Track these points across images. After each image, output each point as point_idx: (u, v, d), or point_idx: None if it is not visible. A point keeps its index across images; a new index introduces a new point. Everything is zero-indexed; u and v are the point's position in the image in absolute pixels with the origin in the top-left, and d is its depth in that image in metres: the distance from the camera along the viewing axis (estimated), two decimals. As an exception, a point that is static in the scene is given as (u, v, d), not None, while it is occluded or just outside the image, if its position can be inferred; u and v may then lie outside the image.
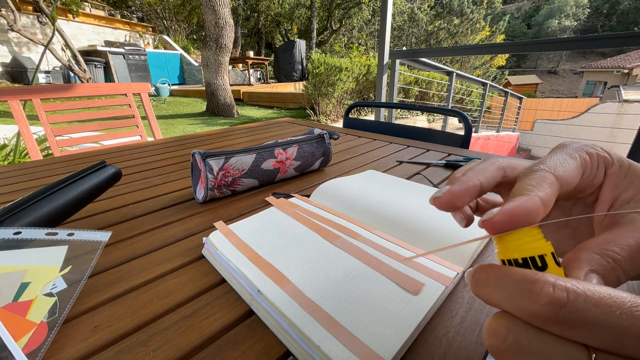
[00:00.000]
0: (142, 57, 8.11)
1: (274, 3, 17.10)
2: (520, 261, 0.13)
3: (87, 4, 9.02)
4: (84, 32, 8.39)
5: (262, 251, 0.30)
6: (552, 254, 0.13)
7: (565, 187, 0.15)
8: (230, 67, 8.13)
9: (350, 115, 1.19)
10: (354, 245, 0.31)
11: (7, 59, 6.84)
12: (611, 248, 0.14)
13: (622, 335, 0.10)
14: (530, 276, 0.11)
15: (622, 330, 0.10)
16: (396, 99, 2.39)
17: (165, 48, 9.65)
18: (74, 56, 6.13)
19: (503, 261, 0.13)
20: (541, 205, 0.13)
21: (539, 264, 0.12)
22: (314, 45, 15.53)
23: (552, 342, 0.11)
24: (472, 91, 6.73)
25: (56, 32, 4.62)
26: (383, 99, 2.20)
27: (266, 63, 9.40)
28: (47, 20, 7.02)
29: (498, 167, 0.17)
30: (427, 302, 0.24)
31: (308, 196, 0.45)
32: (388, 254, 0.30)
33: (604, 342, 0.10)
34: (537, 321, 0.11)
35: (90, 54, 7.51)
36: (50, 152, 1.46)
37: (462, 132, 0.89)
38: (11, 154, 1.64)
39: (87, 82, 6.16)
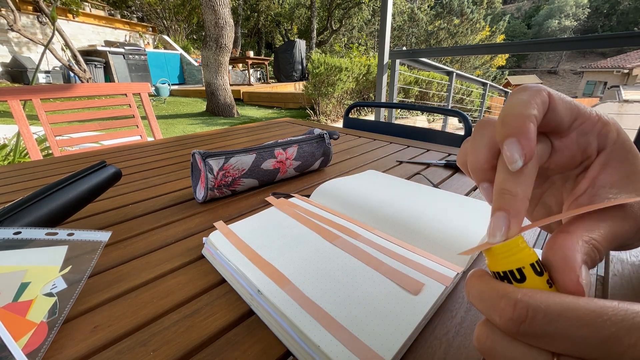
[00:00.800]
0: (142, 57, 8.11)
1: (274, 3, 17.09)
2: (502, 274, 0.13)
3: (87, 3, 9.02)
4: (84, 32, 8.39)
5: (262, 251, 0.30)
6: (534, 263, 0.13)
7: (550, 114, 0.15)
8: (230, 67, 8.13)
9: (350, 115, 1.19)
10: (354, 245, 0.31)
11: (7, 59, 6.84)
12: (594, 237, 0.14)
13: (582, 344, 0.11)
14: (500, 292, 0.13)
15: (581, 340, 0.11)
16: (396, 99, 2.39)
17: (165, 48, 9.65)
18: (74, 56, 6.12)
19: (492, 272, 0.14)
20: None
21: (518, 276, 0.13)
22: (314, 45, 15.53)
23: (521, 348, 0.12)
24: (472, 91, 6.74)
25: (56, 32, 4.61)
26: (383, 99, 2.20)
27: (266, 63, 9.40)
28: (47, 20, 7.02)
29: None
30: (427, 302, 0.24)
31: (308, 196, 0.45)
32: (388, 253, 0.30)
33: (566, 350, 0.11)
34: (505, 332, 0.12)
35: (90, 54, 7.51)
36: (50, 152, 1.46)
37: (462, 132, 0.89)
38: (11, 154, 1.64)
39: (87, 82, 6.16)
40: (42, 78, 6.78)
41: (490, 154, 0.16)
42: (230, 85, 6.49)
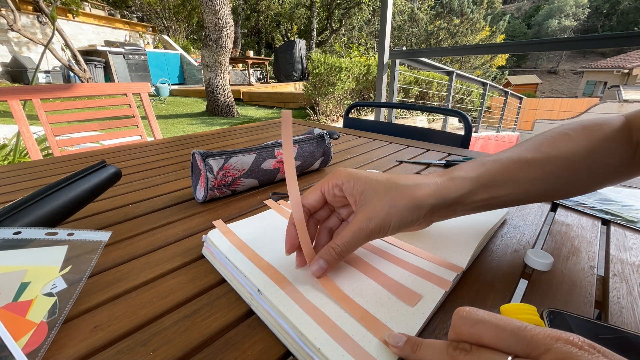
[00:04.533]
0: (142, 57, 8.10)
1: (274, 3, 17.08)
2: None
3: (87, 3, 9.01)
4: (84, 32, 8.39)
5: (261, 252, 0.30)
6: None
7: (312, 209, 0.29)
8: (230, 67, 8.12)
9: (350, 115, 1.19)
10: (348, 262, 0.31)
11: (7, 58, 6.84)
12: (334, 243, 0.25)
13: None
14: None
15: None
16: (396, 99, 2.39)
17: (165, 48, 9.64)
18: (74, 56, 6.12)
19: None
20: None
21: None
22: (314, 45, 15.52)
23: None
24: (472, 91, 6.73)
25: (56, 32, 4.60)
26: (383, 99, 2.20)
27: (266, 63, 9.39)
28: (47, 20, 7.01)
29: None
30: (427, 309, 0.24)
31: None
32: (387, 257, 0.30)
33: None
34: None
35: (90, 54, 7.50)
36: (50, 152, 1.46)
37: (462, 132, 0.89)
38: (11, 154, 1.64)
39: (87, 82, 6.16)
40: (42, 78, 6.78)
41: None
42: (230, 85, 6.48)
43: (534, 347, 0.14)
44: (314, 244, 0.29)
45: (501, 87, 5.28)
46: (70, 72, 6.49)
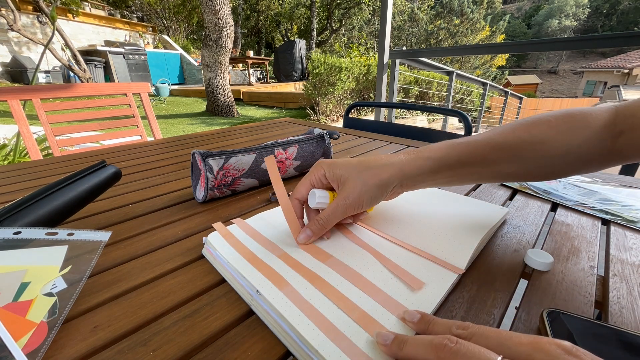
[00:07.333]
0: (142, 56, 8.10)
1: (274, 3, 17.07)
2: None
3: (87, 3, 9.00)
4: (84, 31, 8.38)
5: (260, 253, 0.30)
6: None
7: (304, 198, 0.33)
8: (230, 67, 8.11)
9: (350, 115, 1.19)
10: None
11: (7, 58, 6.84)
12: (318, 216, 0.31)
13: None
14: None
15: None
16: (396, 98, 2.39)
17: (165, 48, 9.64)
18: (74, 56, 6.12)
19: None
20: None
21: None
22: (314, 45, 15.52)
23: None
24: (472, 91, 6.73)
25: (56, 32, 4.61)
26: (383, 99, 2.20)
27: (266, 63, 9.38)
28: (47, 19, 7.01)
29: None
30: (427, 309, 0.24)
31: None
32: (383, 261, 0.30)
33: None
34: None
35: (90, 54, 7.50)
36: (50, 152, 1.46)
37: (462, 132, 0.89)
38: (11, 153, 1.64)
39: (87, 81, 6.16)
40: (42, 78, 6.77)
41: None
42: (230, 85, 6.47)
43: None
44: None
45: (501, 87, 5.29)
46: (70, 72, 6.48)
